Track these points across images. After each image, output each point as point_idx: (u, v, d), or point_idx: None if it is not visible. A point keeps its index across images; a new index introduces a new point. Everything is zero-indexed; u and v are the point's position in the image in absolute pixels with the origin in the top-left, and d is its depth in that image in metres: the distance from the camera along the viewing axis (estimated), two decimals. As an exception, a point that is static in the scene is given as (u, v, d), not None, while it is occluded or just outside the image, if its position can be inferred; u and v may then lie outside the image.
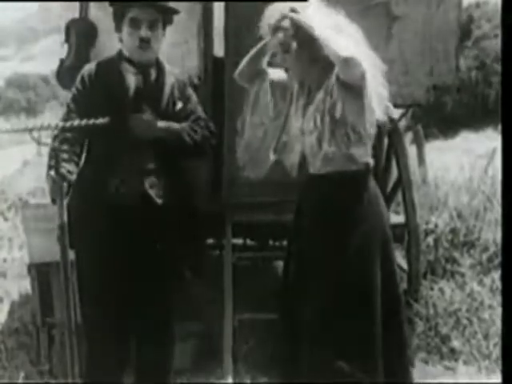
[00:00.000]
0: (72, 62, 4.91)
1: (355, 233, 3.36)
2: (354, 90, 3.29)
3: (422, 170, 7.58)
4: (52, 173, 3.51)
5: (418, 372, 4.72)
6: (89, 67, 3.81)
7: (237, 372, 4.67)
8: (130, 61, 3.74)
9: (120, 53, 3.78)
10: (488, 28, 14.87)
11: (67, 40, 5.04)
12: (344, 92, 3.30)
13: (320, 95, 3.38)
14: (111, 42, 4.16)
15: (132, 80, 3.74)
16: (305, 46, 3.34)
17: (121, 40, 3.77)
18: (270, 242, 5.83)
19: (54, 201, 3.54)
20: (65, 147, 3.62)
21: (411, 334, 5.00)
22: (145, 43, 3.67)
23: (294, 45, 3.34)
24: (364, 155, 3.44)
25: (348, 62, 3.19)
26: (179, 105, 3.81)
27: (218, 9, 5.06)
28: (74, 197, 3.69)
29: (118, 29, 3.74)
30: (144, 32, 3.65)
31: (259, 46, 3.49)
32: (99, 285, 3.72)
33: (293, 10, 3.31)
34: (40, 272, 4.95)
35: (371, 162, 3.48)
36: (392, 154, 5.42)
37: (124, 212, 3.68)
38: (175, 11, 3.77)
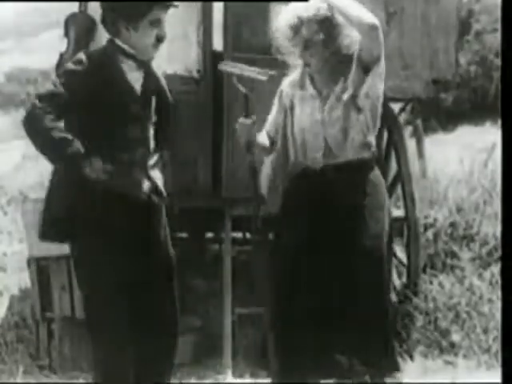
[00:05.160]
0: (71, 56, 4.91)
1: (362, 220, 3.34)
2: (371, 73, 3.31)
3: (422, 163, 7.55)
4: None
5: (417, 366, 4.73)
6: (78, 58, 3.72)
7: (236, 366, 4.68)
8: (132, 57, 3.71)
9: (114, 45, 3.72)
10: (488, 22, 14.84)
11: (66, 34, 5.04)
12: (363, 77, 3.32)
13: (339, 86, 3.39)
14: (110, 35, 4.14)
15: (135, 75, 3.72)
16: (328, 39, 3.35)
17: (122, 35, 3.71)
18: (270, 236, 5.82)
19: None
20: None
21: (411, 328, 5.01)
22: (159, 42, 3.67)
23: (318, 40, 3.34)
24: (373, 143, 3.45)
25: (373, 29, 3.22)
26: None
27: (218, 3, 5.06)
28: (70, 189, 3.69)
29: (135, 29, 3.66)
30: (162, 31, 3.65)
31: None
32: (100, 277, 3.72)
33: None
34: (39, 266, 4.96)
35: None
36: (391, 147, 5.41)
37: (125, 204, 3.68)
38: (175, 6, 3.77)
